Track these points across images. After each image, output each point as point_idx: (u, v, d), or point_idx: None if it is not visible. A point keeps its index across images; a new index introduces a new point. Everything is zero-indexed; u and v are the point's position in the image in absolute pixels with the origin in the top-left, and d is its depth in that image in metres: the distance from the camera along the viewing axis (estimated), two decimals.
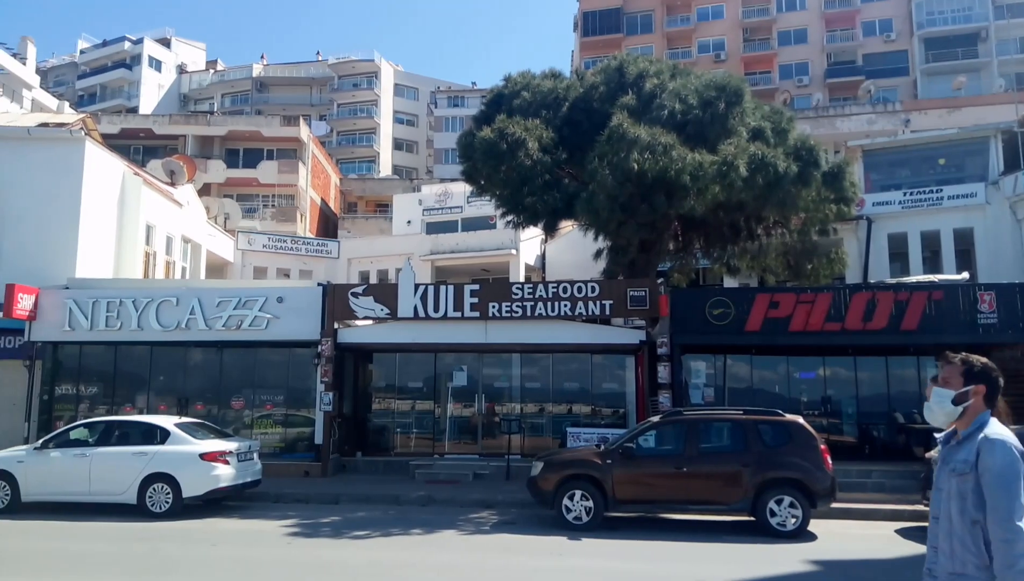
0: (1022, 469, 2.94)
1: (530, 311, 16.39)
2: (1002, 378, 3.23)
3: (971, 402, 3.19)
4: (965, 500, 3.03)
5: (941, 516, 3.16)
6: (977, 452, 3.02)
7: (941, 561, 3.13)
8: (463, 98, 59.98)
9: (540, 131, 15.94)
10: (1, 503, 12.27)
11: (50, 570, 8.59)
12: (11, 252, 17.86)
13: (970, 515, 3.01)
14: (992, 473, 2.95)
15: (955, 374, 3.25)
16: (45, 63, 61.11)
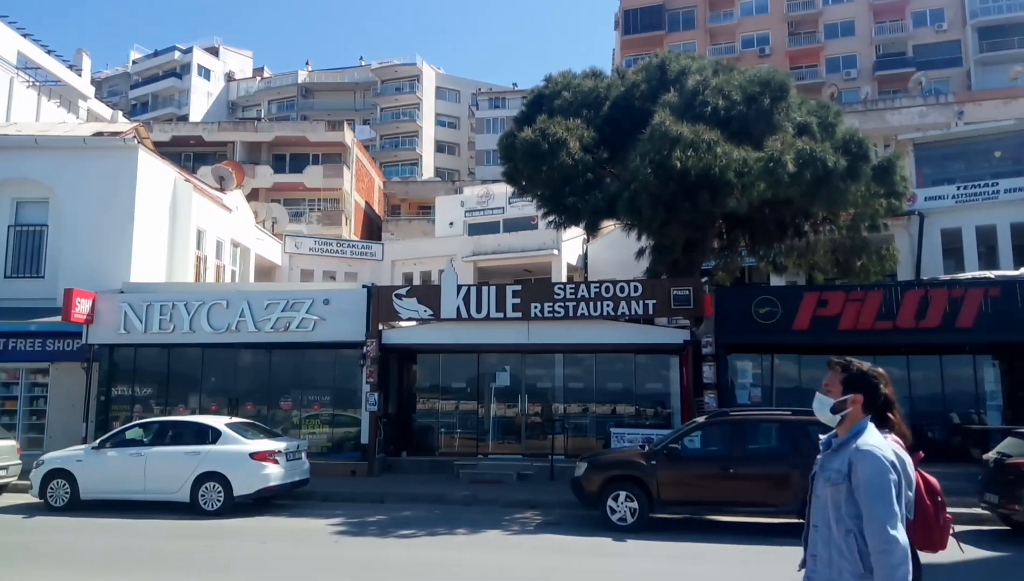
0: (894, 478, 2.94)
1: (572, 311, 16.36)
2: (886, 385, 3.20)
3: (849, 410, 3.19)
4: (839, 509, 3.03)
5: (820, 524, 3.15)
6: (849, 462, 3.02)
7: (819, 569, 3.13)
8: (504, 99, 60.16)
9: (581, 130, 15.89)
10: (61, 501, 12.71)
11: (109, 566, 8.87)
12: (69, 258, 18.51)
13: (844, 524, 3.01)
14: (864, 484, 2.94)
15: (835, 381, 3.25)
16: (99, 74, 63.11)
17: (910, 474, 3.19)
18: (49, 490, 12.78)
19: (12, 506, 13.23)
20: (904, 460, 3.14)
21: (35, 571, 8.56)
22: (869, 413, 3.20)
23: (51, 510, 12.59)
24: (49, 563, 9.00)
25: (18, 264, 19.19)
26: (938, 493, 3.37)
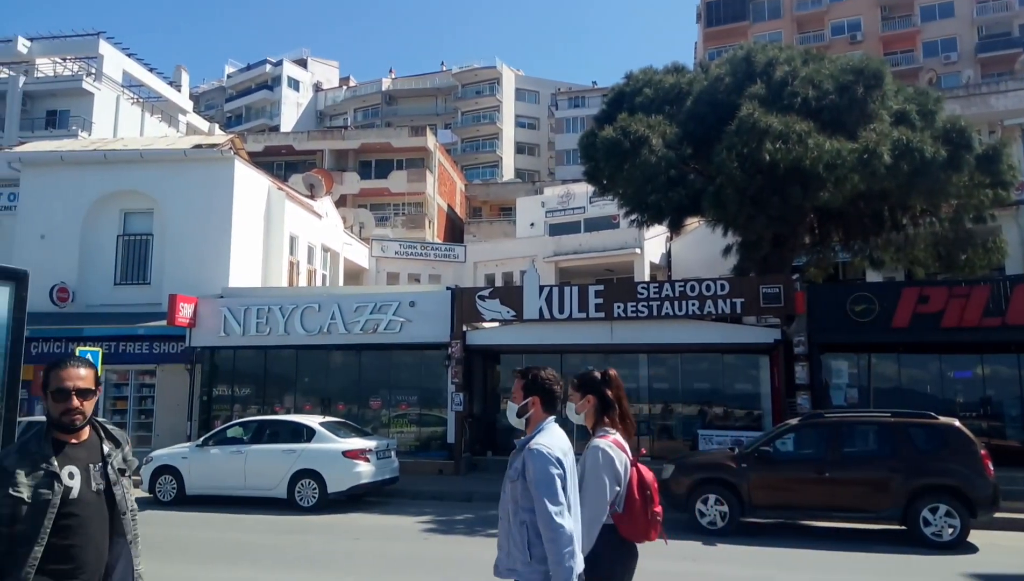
0: (558, 472, 3.24)
1: (656, 311, 16.13)
2: (559, 385, 3.52)
3: (531, 413, 3.48)
4: (516, 503, 3.31)
5: (503, 517, 3.44)
6: (523, 460, 3.31)
7: (501, 558, 3.45)
8: (584, 98, 59.89)
9: (663, 127, 15.67)
10: (169, 496, 13.45)
11: (212, 559, 9.33)
12: (173, 265, 19.58)
13: (520, 516, 3.29)
14: (533, 480, 3.23)
15: (518, 388, 3.56)
16: (197, 88, 66.39)
17: (618, 471, 3.54)
18: (158, 485, 13.55)
19: None
20: (613, 457, 3.51)
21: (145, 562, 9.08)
22: (550, 414, 3.51)
23: (159, 504, 13.33)
24: (158, 554, 9.52)
25: (127, 271, 20.43)
26: (648, 488, 3.65)
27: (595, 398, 3.77)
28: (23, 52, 42.43)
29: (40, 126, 38.65)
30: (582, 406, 3.78)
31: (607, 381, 3.80)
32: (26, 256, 19.00)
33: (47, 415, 2.99)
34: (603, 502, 3.51)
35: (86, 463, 2.97)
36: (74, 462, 2.93)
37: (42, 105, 39.89)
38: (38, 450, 2.88)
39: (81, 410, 2.95)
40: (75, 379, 2.95)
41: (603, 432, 3.69)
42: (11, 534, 2.76)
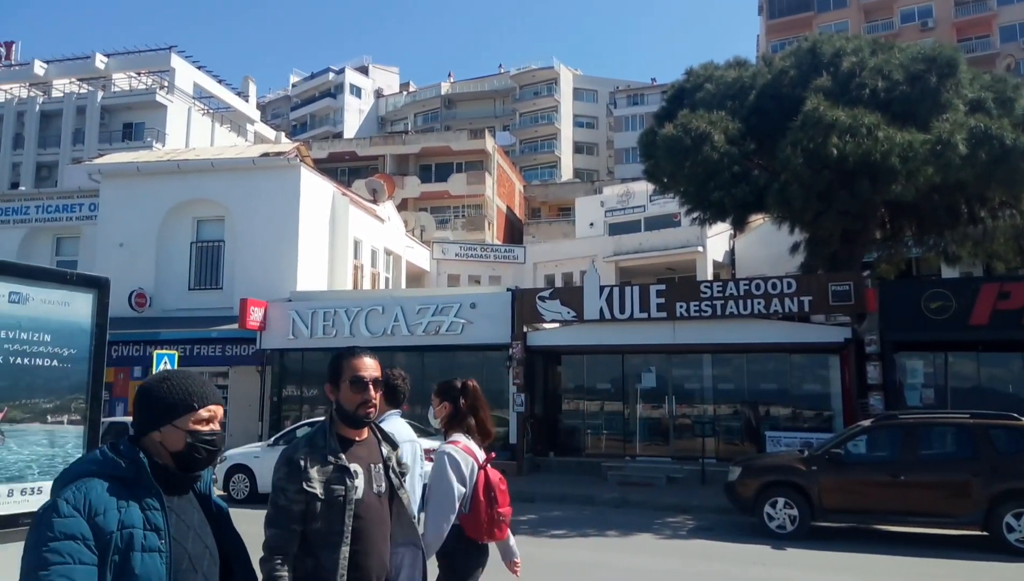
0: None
1: (720, 310, 15.86)
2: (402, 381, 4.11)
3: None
4: None
5: None
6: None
7: None
8: (643, 96, 59.31)
9: (725, 123, 15.40)
10: (242, 493, 13.90)
11: None
12: (243, 270, 20.23)
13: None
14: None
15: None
16: (263, 98, 68.43)
17: (464, 474, 3.71)
18: (231, 483, 14.02)
19: None
20: (459, 461, 3.71)
21: None
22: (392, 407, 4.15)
23: (232, 502, 13.77)
24: None
25: (200, 277, 21.21)
26: (493, 490, 3.80)
27: (451, 405, 3.97)
28: (100, 68, 44.54)
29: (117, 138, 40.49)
30: (439, 411, 4.02)
31: (464, 391, 3.99)
32: (106, 263, 19.90)
33: (337, 409, 2.79)
34: (450, 503, 3.68)
35: (367, 463, 2.79)
36: (358, 461, 2.76)
37: (119, 118, 41.79)
38: (326, 445, 2.72)
39: (375, 402, 2.81)
40: (371, 369, 2.80)
41: (454, 438, 3.89)
42: (305, 533, 2.61)
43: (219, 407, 2.13)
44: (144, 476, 1.97)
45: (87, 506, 1.87)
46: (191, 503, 2.13)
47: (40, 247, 23.15)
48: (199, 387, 2.11)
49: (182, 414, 2.05)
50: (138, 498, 1.95)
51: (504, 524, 3.93)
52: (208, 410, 2.09)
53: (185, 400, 2.06)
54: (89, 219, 22.69)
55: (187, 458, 2.05)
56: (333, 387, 2.80)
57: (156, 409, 2.07)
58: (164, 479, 2.03)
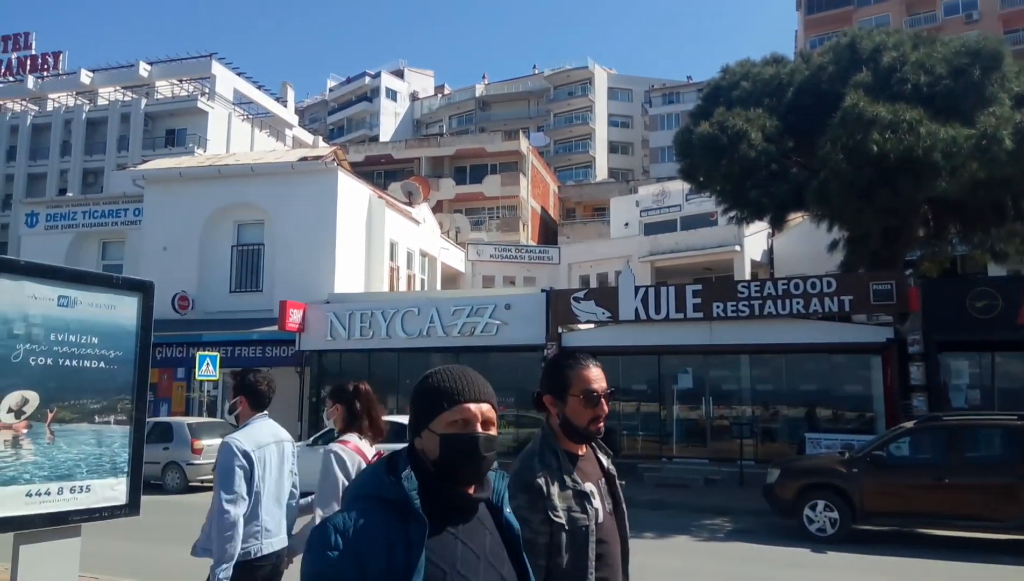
0: (241, 464, 3.81)
1: (758, 310, 15.67)
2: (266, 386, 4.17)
3: (240, 410, 4.12)
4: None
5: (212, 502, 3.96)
6: None
7: (201, 539, 4.00)
8: (678, 94, 58.85)
9: (763, 120, 15.21)
10: None
11: None
12: (282, 272, 20.58)
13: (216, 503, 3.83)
14: (217, 469, 3.86)
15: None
16: (301, 103, 69.45)
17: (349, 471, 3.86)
18: None
19: None
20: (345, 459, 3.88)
21: None
22: (257, 411, 4.14)
23: None
24: None
25: (241, 279, 21.64)
26: None
27: (343, 407, 4.15)
28: (144, 76, 45.66)
29: (160, 145, 41.46)
30: (331, 412, 4.21)
31: (357, 394, 4.17)
32: (150, 267, 20.41)
33: (563, 423, 2.46)
34: (335, 497, 3.85)
35: (596, 480, 2.54)
36: (588, 479, 2.48)
37: (161, 125, 42.79)
38: (558, 464, 2.42)
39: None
40: (602, 380, 2.50)
41: (345, 438, 4.10)
42: (549, 568, 2.28)
43: (482, 405, 1.77)
44: (407, 500, 1.65)
45: (352, 538, 1.61)
46: (483, 524, 1.77)
47: (87, 251, 23.86)
48: (454, 382, 1.78)
49: (435, 415, 1.75)
50: (407, 528, 1.63)
51: None
52: (464, 409, 1.74)
53: (436, 399, 1.76)
54: (134, 224, 23.29)
55: (445, 469, 1.71)
56: (556, 399, 2.46)
57: (414, 413, 1.81)
58: (441, 498, 1.70)
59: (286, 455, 4.25)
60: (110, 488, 6.06)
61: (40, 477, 5.58)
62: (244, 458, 3.83)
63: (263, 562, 3.92)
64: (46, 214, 24.53)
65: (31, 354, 5.54)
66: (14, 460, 5.43)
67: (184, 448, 15.38)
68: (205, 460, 15.50)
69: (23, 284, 5.54)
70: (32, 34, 45.79)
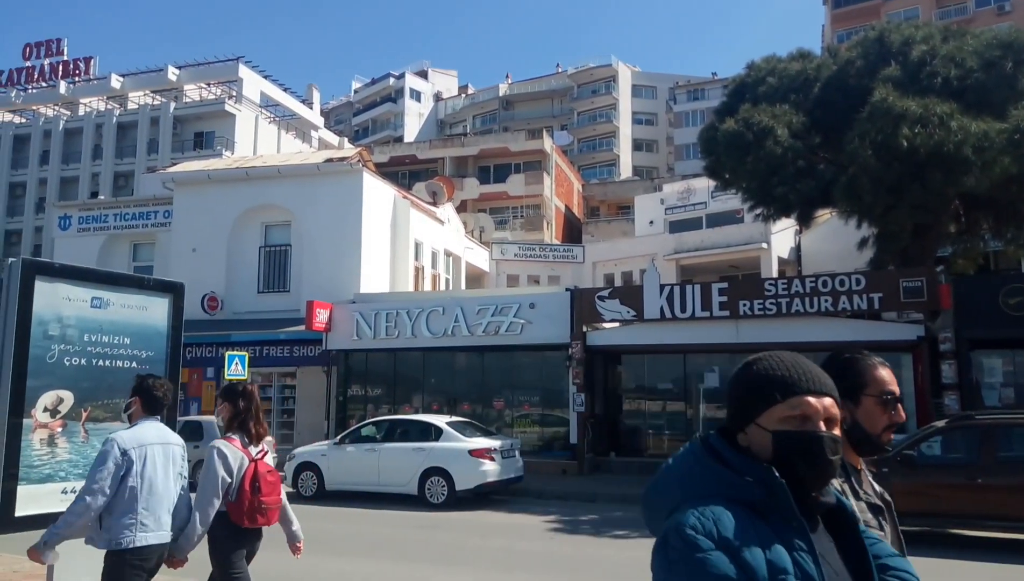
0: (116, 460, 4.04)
1: (786, 308, 15.51)
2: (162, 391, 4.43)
3: (133, 410, 4.40)
4: None
5: None
6: None
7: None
8: (703, 91, 58.41)
9: (789, 116, 15.07)
10: (310, 491, 14.27)
11: (352, 551, 9.84)
12: (309, 273, 20.79)
13: None
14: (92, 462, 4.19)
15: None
16: (327, 105, 70.03)
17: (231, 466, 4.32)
18: (300, 481, 14.41)
19: None
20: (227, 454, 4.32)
21: (287, 552, 9.70)
22: (149, 413, 4.36)
23: (302, 499, 14.15)
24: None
25: (268, 280, 21.89)
26: (259, 481, 4.41)
27: (231, 407, 4.54)
28: (173, 80, 46.32)
29: (189, 147, 42.06)
30: (220, 411, 4.58)
31: (244, 394, 4.58)
32: (180, 268, 20.72)
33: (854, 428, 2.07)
34: (214, 490, 4.26)
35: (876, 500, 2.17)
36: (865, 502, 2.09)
37: (190, 128, 43.39)
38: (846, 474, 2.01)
39: None
40: (896, 383, 2.17)
41: (229, 436, 4.48)
42: None
43: (824, 399, 1.47)
44: (783, 501, 1.39)
45: (722, 540, 1.34)
46: (826, 537, 1.48)
47: (118, 253, 24.27)
48: (787, 371, 1.49)
49: (765, 408, 1.47)
50: (779, 533, 1.37)
51: (270, 512, 4.56)
52: (803, 402, 1.45)
53: (766, 389, 1.48)
54: (164, 226, 23.65)
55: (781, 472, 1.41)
56: (845, 400, 1.89)
57: (737, 404, 1.53)
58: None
59: (174, 458, 4.43)
60: None
61: (75, 475, 5.70)
62: (122, 456, 4.09)
63: (137, 555, 4.12)
64: (78, 217, 25.01)
65: (66, 354, 5.67)
66: (50, 458, 5.56)
67: None
68: None
69: (57, 286, 5.67)
70: (64, 40, 46.66)
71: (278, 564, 8.90)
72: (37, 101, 47.38)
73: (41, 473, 5.48)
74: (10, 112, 48.08)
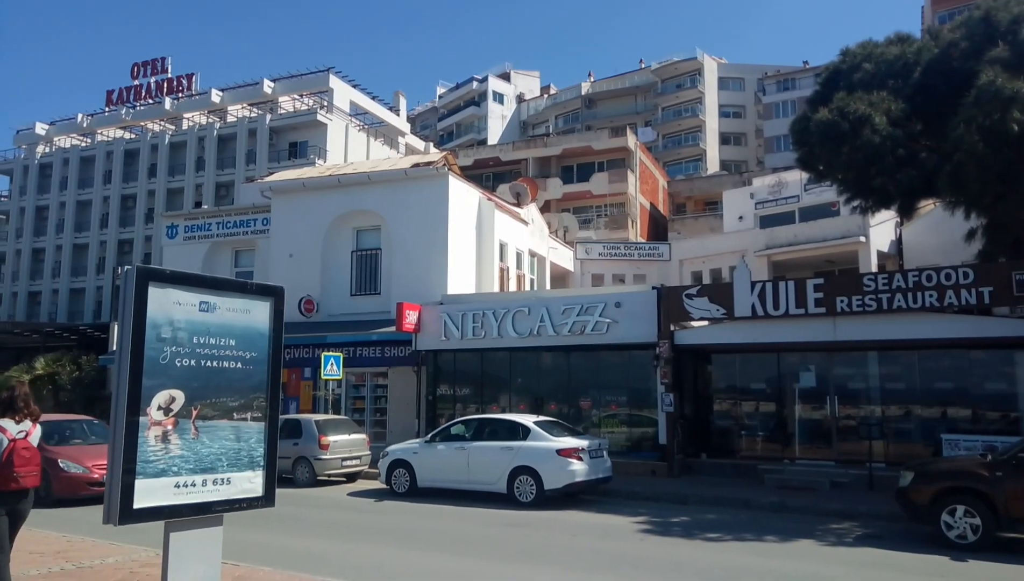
0: None
1: (887, 304, 14.82)
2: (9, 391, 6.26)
3: None
4: None
5: None
6: None
7: None
8: (794, 80, 56.46)
9: (887, 103, 14.36)
10: (403, 487, 14.63)
11: (444, 547, 10.02)
12: (398, 275, 21.32)
13: None
14: None
15: None
16: (412, 111, 71.58)
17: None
18: (393, 478, 14.79)
19: (365, 491, 15.54)
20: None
21: (381, 546, 10.00)
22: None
23: (395, 495, 14.54)
24: (391, 540, 10.46)
25: (360, 283, 22.58)
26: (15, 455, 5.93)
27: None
28: (268, 92, 48.39)
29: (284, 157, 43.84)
30: None
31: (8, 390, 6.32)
32: (278, 273, 21.65)
33: None
34: None
35: None
36: None
37: (285, 138, 45.23)
38: None
39: None
40: None
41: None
42: None
43: None
44: None
45: None
46: None
47: (221, 260, 25.55)
48: None
49: None
50: None
51: (22, 479, 5.96)
52: None
53: None
54: (262, 233, 24.74)
55: None
56: None
57: None
58: None
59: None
60: (248, 481, 6.50)
61: (186, 470, 6.05)
62: None
63: None
64: (184, 226, 26.46)
65: (177, 356, 6.02)
66: (164, 454, 5.92)
67: (312, 443, 16.21)
68: (332, 455, 16.30)
69: (169, 291, 6.04)
70: (168, 58, 49.47)
71: (373, 558, 9.19)
72: (145, 117, 50.39)
73: (156, 468, 5.84)
74: (121, 129, 51.34)
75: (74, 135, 52.73)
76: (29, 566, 7.56)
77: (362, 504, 13.97)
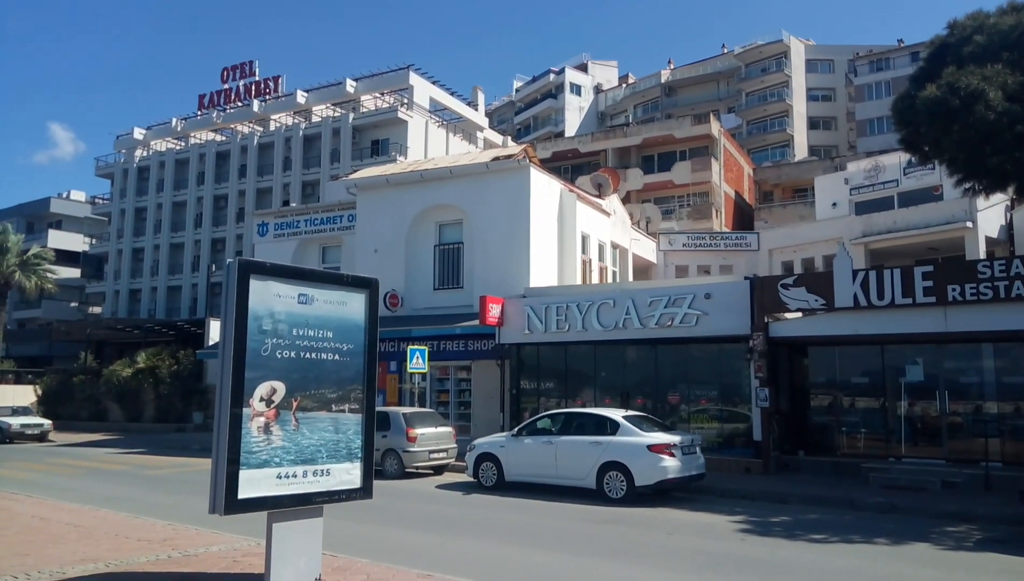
0: None
1: (1004, 292, 13.80)
2: None
3: None
4: None
5: None
6: None
7: None
8: (888, 60, 53.72)
9: (1003, 77, 13.33)
10: (490, 481, 14.56)
11: (534, 542, 9.84)
12: (481, 268, 21.29)
13: None
14: None
15: None
16: (490, 106, 71.66)
17: None
18: (480, 471, 14.74)
19: (453, 483, 15.55)
20: None
21: (473, 540, 9.91)
22: None
23: (482, 489, 14.49)
24: (483, 534, 10.36)
25: (443, 277, 22.70)
26: None
27: None
28: (350, 92, 49.33)
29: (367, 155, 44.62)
30: None
31: None
32: (363, 268, 21.96)
33: None
34: None
35: None
36: None
37: (367, 136, 46.02)
38: None
39: None
40: None
41: None
42: None
43: None
44: None
45: None
46: None
47: (309, 256, 26.17)
48: None
49: None
50: None
51: None
52: None
53: None
54: (348, 229, 25.21)
55: None
56: None
57: None
58: None
59: None
60: (346, 472, 6.49)
61: (288, 461, 6.07)
62: None
63: None
64: (274, 224, 27.24)
65: (278, 347, 6.04)
66: (266, 445, 5.95)
67: (400, 436, 16.35)
68: (420, 447, 16.41)
69: (269, 284, 6.06)
70: (255, 62, 51.00)
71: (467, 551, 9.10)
72: (234, 120, 52.20)
73: (259, 459, 5.87)
74: (212, 131, 53.37)
75: (169, 139, 55.13)
76: (138, 553, 7.80)
77: (451, 497, 13.97)
